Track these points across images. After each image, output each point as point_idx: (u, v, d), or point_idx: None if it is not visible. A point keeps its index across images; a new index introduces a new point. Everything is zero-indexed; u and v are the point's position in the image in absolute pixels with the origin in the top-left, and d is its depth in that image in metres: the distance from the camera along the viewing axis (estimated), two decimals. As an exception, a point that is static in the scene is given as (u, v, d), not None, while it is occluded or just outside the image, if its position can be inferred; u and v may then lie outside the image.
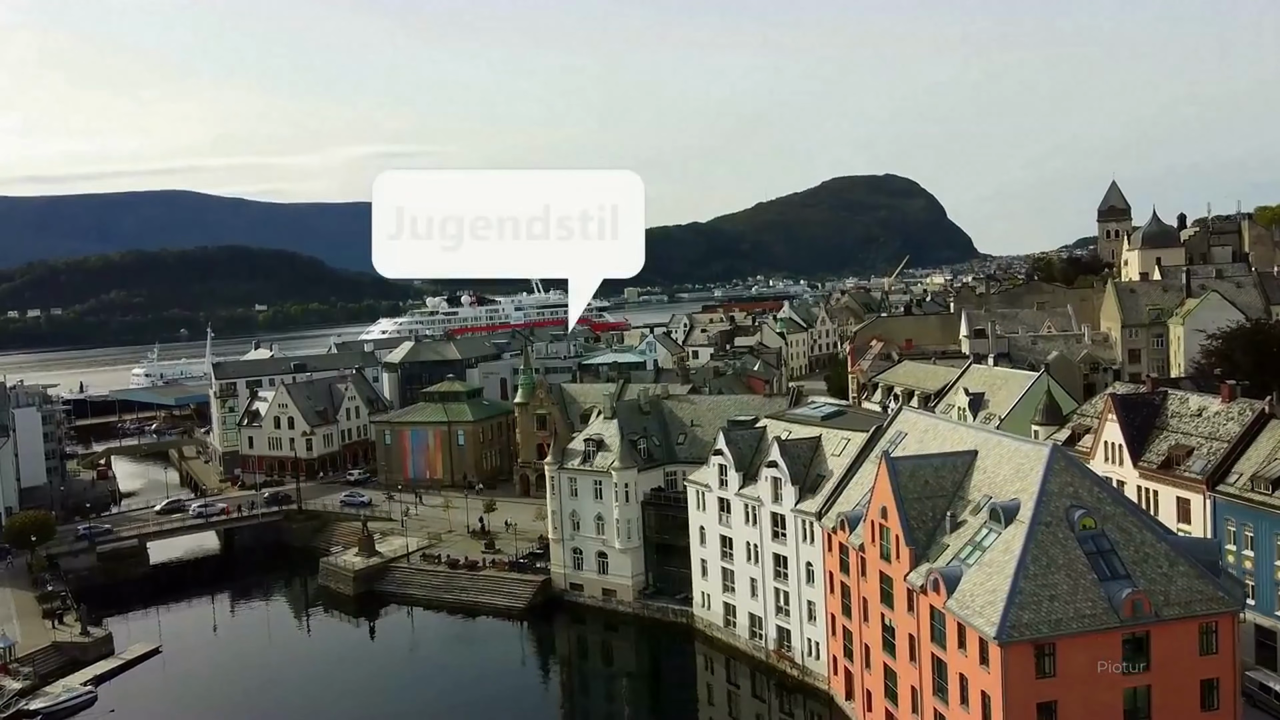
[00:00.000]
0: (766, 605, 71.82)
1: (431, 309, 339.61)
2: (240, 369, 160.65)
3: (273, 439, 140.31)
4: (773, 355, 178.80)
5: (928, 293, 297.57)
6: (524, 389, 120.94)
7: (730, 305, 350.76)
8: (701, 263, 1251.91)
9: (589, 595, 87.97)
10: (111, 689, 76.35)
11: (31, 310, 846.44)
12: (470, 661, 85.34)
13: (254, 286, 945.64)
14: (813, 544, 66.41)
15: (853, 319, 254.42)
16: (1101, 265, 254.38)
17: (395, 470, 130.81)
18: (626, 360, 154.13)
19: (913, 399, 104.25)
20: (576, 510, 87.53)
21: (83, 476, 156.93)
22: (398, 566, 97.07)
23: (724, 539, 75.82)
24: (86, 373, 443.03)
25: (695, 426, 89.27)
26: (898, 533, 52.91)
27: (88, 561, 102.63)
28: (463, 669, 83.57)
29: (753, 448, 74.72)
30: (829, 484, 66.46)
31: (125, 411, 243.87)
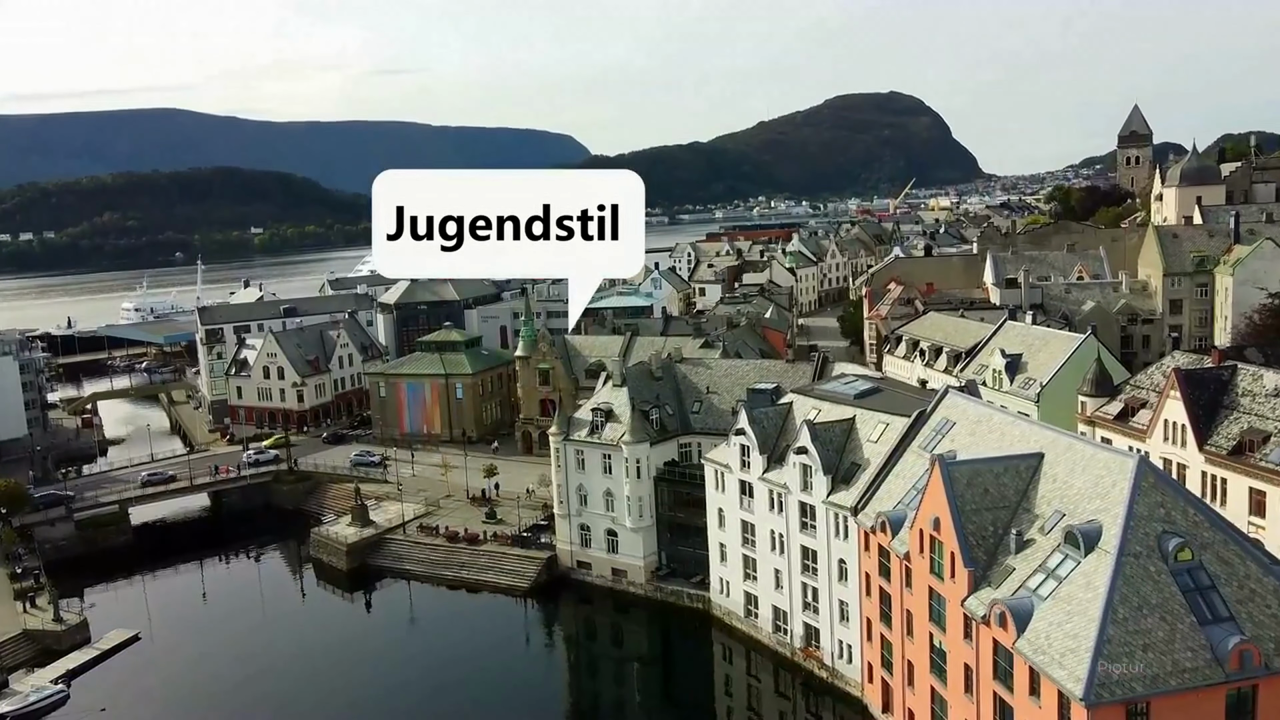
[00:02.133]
0: (793, 600, 66.01)
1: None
2: (227, 313, 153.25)
3: (262, 389, 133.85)
4: (784, 295, 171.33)
5: (940, 223, 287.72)
6: (525, 341, 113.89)
7: (734, 234, 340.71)
8: (702, 184, 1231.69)
9: (597, 574, 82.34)
10: (87, 683, 71.07)
11: (24, 233, 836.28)
12: (472, 640, 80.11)
13: (248, 209, 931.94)
14: (846, 540, 60.21)
15: (863, 250, 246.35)
16: (1124, 195, 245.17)
17: (391, 424, 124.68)
18: (632, 304, 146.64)
19: (940, 356, 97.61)
20: (583, 484, 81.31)
21: (66, 424, 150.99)
22: (393, 538, 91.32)
23: (745, 524, 69.69)
24: (79, 301, 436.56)
25: (711, 394, 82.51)
26: (953, 549, 46.51)
27: (65, 531, 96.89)
28: (464, 648, 78.48)
29: (777, 426, 68.06)
30: (865, 475, 59.94)
31: (115, 348, 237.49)
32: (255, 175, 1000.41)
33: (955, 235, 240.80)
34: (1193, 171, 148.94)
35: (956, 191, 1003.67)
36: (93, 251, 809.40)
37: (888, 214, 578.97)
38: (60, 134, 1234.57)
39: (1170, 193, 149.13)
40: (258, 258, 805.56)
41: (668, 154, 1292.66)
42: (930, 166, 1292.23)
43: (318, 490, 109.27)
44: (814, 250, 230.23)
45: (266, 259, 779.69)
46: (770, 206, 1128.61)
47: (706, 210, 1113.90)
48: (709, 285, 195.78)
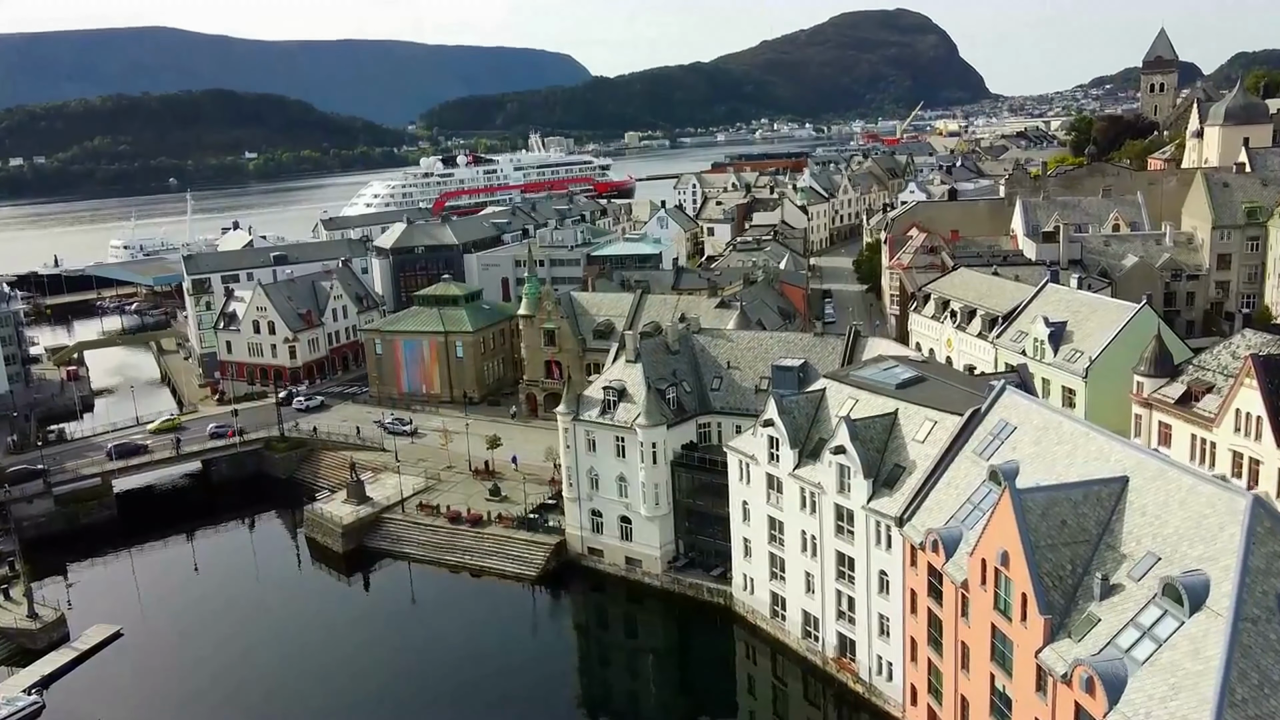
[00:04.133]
0: (825, 606, 60.69)
1: (425, 170, 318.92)
2: (213, 261, 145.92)
3: (252, 345, 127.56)
4: (798, 238, 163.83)
5: (955, 154, 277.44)
6: (529, 298, 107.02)
7: (741, 164, 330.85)
8: (704, 105, 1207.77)
9: (609, 562, 77.10)
10: (65, 688, 66.33)
11: (14, 158, 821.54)
12: (476, 627, 75.17)
13: (242, 133, 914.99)
14: (889, 551, 54.54)
15: (876, 185, 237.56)
16: (1149, 126, 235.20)
17: (388, 383, 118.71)
18: (639, 251, 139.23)
19: (973, 319, 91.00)
20: (595, 468, 75.51)
21: (50, 377, 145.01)
22: (391, 518, 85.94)
23: (773, 521, 64.04)
24: (70, 231, 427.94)
25: (732, 369, 76.14)
26: (1026, 591, 40.74)
27: (44, 507, 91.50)
28: (468, 636, 73.75)
29: (809, 416, 61.91)
30: (910, 480, 53.98)
31: (103, 287, 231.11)
32: (248, 98, 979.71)
33: (971, 168, 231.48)
34: (1238, 109, 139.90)
35: (963, 113, 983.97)
36: (84, 177, 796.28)
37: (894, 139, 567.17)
38: (48, 54, 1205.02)
39: (1213, 132, 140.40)
40: (252, 184, 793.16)
41: (669, 75, 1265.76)
42: (937, 87, 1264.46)
43: (311, 458, 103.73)
44: (825, 186, 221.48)
45: (261, 185, 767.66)
46: (773, 129, 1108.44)
47: (708, 133, 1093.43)
48: (718, 224, 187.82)
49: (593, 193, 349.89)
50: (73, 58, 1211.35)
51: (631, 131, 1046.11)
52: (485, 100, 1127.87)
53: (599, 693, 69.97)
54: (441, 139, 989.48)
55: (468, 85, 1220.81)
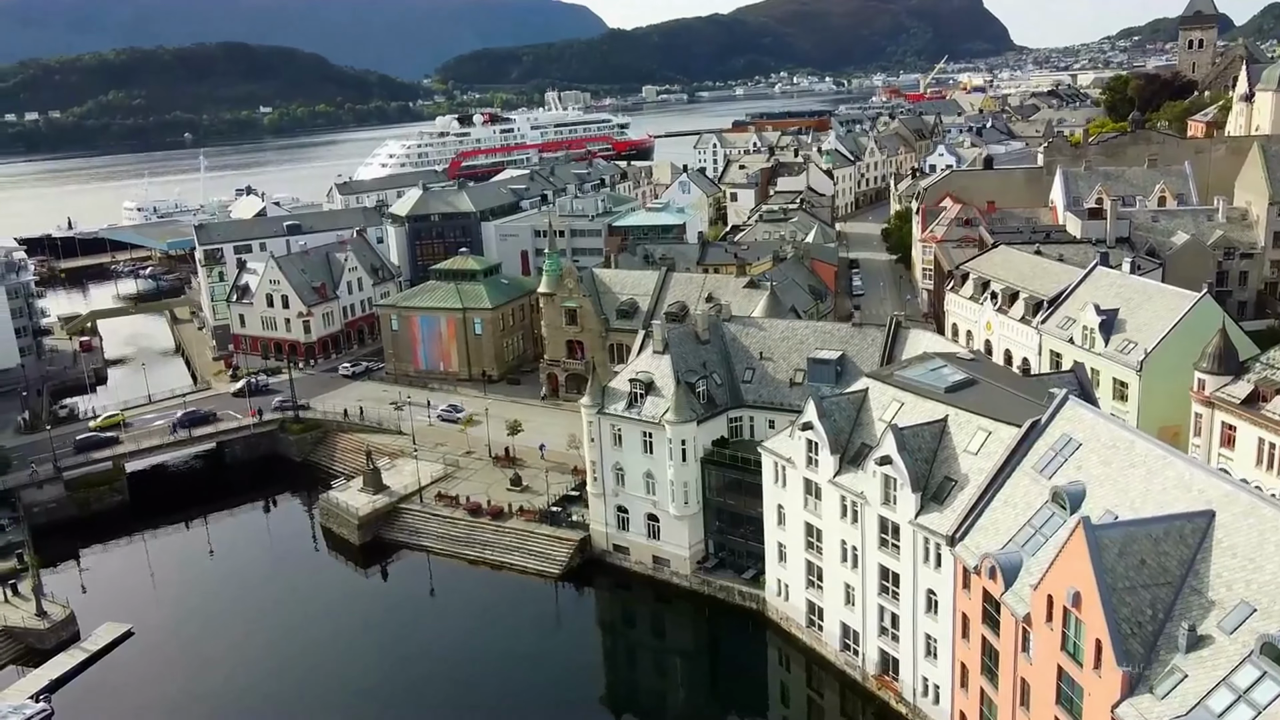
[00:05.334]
0: (866, 621, 57.55)
1: (442, 129, 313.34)
2: (225, 231, 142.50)
3: (266, 319, 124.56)
4: (825, 206, 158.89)
5: (985, 114, 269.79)
6: (549, 275, 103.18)
7: (762, 123, 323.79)
8: (722, 58, 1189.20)
9: (636, 560, 74.14)
10: (74, 692, 64.17)
11: (29, 113, 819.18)
12: (498, 623, 72.72)
13: (255, 86, 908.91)
14: (938, 570, 51.16)
15: (903, 147, 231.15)
16: (1188, 85, 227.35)
17: (404, 359, 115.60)
18: (661, 222, 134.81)
19: (1015, 302, 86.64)
20: (620, 463, 72.25)
21: (63, 348, 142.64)
22: (408, 508, 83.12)
23: (810, 528, 60.74)
24: (85, 190, 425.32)
25: (765, 360, 72.38)
26: (1100, 637, 37.31)
27: (54, 493, 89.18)
28: (490, 631, 71.46)
29: (850, 419, 58.28)
30: (963, 496, 50.39)
31: (117, 250, 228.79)
32: (261, 51, 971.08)
33: (1003, 129, 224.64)
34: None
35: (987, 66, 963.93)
36: (99, 131, 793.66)
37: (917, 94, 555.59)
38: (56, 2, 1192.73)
39: (1265, 97, 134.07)
40: (267, 139, 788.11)
41: (687, 27, 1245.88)
42: (959, 39, 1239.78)
43: (327, 440, 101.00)
44: (851, 148, 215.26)
45: (276, 141, 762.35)
46: (793, 83, 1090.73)
47: (726, 87, 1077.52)
48: (741, 190, 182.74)
49: (611, 152, 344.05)
50: (81, 6, 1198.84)
51: (649, 85, 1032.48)
52: (501, 53, 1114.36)
53: (624, 692, 67.61)
54: (457, 93, 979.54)
55: (483, 38, 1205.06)
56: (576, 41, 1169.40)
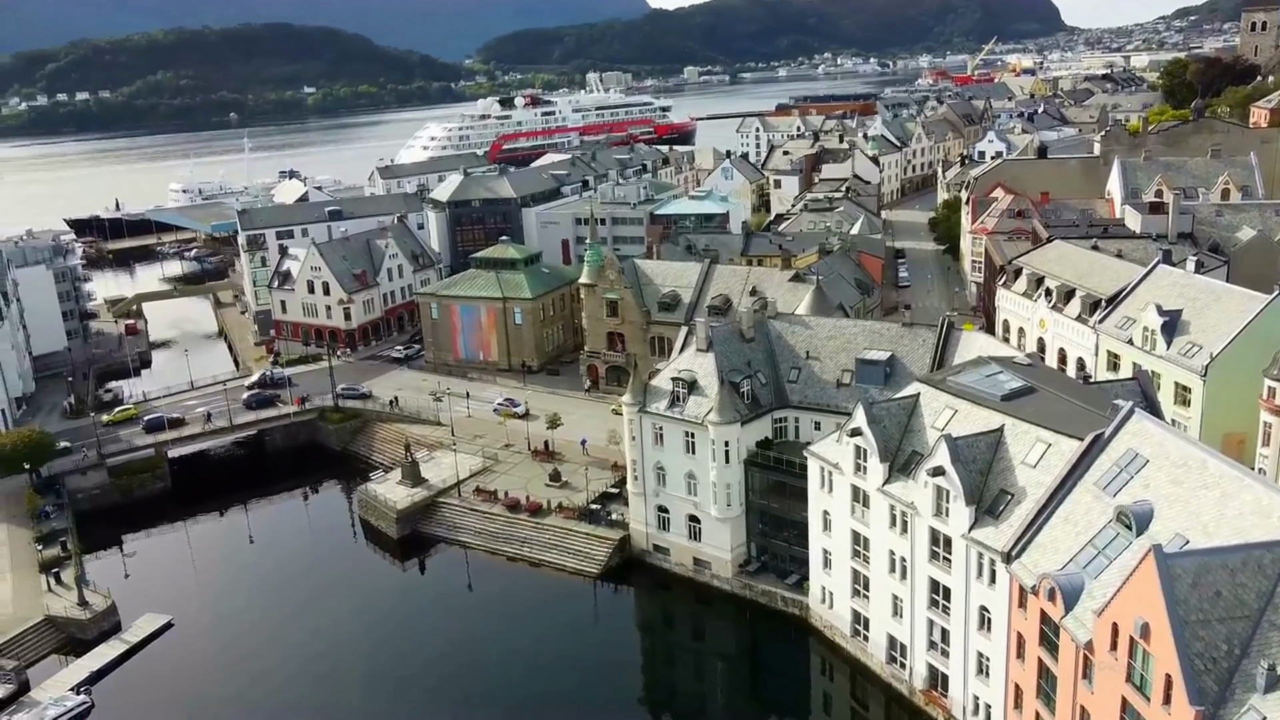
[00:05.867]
0: (914, 634, 55.79)
1: (483, 112, 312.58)
2: (268, 217, 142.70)
3: (307, 305, 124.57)
4: (871, 195, 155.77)
5: (1036, 99, 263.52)
6: (590, 266, 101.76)
7: (806, 106, 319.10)
8: (765, 39, 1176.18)
9: (676, 561, 72.84)
10: (115, 683, 64.28)
11: (80, 92, 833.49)
12: (535, 619, 71.68)
13: (299, 67, 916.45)
14: (992, 587, 49.24)
15: (951, 133, 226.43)
16: (1250, 69, 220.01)
17: (444, 348, 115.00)
18: (705, 210, 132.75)
19: (1071, 300, 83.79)
20: (662, 463, 70.86)
21: (108, 331, 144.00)
22: (447, 502, 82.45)
23: (857, 536, 58.98)
24: (133, 169, 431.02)
25: (812, 360, 70.47)
26: (1171, 672, 35.33)
27: (97, 479, 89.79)
28: (528, 627, 70.61)
29: (901, 425, 56.34)
30: (1019, 511, 48.35)
31: (163, 232, 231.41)
32: (306, 32, 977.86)
33: (1055, 115, 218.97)
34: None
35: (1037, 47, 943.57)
36: (148, 111, 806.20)
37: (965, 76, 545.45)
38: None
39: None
40: (311, 119, 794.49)
41: (730, 7, 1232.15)
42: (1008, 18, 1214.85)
43: (366, 429, 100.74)
44: (898, 134, 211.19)
45: (319, 121, 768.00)
46: (836, 64, 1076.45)
47: (769, 68, 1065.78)
48: (785, 176, 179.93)
49: (652, 135, 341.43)
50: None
51: (691, 66, 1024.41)
52: (542, 34, 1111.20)
53: (663, 693, 66.57)
54: (498, 74, 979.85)
55: (525, 18, 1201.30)
56: (618, 21, 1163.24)
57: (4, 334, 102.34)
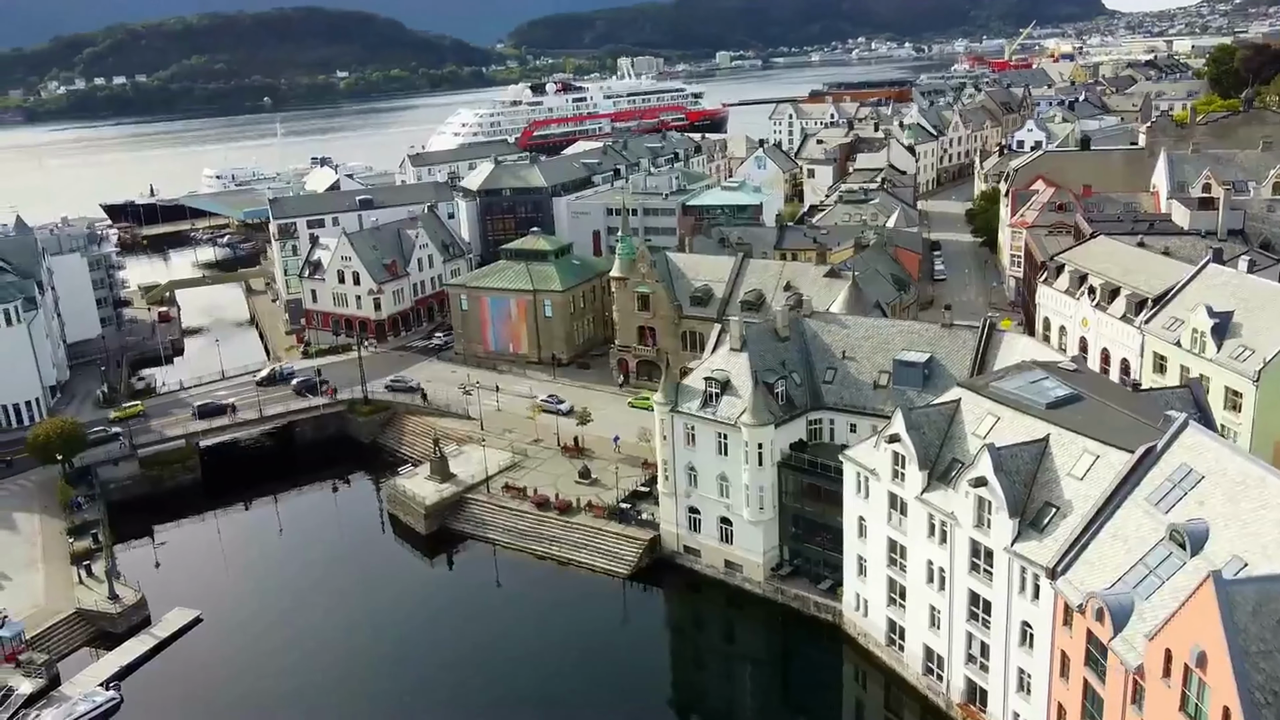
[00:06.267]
0: (952, 647, 54.34)
1: (514, 98, 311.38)
2: (299, 205, 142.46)
3: (337, 295, 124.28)
4: (908, 186, 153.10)
5: (1077, 86, 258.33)
6: (622, 259, 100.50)
7: (840, 93, 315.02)
8: (797, 23, 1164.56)
9: (707, 563, 71.73)
10: (143, 679, 64.25)
11: (117, 77, 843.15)
12: (564, 617, 71.16)
13: (332, 51, 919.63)
14: (1035, 602, 47.67)
15: (989, 121, 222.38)
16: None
17: (473, 340, 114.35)
18: (737, 201, 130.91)
19: (1115, 299, 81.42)
20: (693, 463, 69.67)
21: (141, 319, 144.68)
22: (475, 499, 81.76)
23: (893, 544, 57.54)
24: (170, 153, 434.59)
25: (848, 360, 68.89)
26: (1230, 705, 33.71)
27: (129, 470, 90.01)
28: (555, 625, 70.20)
29: (941, 432, 54.73)
30: (1065, 524, 46.69)
31: (196, 218, 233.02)
32: (339, 15, 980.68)
33: (1096, 103, 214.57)
34: None
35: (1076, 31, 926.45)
36: (183, 95, 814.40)
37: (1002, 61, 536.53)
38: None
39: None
40: (343, 103, 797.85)
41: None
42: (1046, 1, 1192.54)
43: (394, 421, 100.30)
44: (934, 122, 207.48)
45: (352, 105, 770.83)
46: (870, 49, 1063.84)
47: (802, 53, 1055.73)
48: (819, 166, 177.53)
49: (684, 122, 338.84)
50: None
51: (723, 51, 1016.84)
52: (574, 18, 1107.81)
53: (692, 695, 65.86)
54: (530, 58, 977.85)
55: (556, 1, 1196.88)
56: (650, 5, 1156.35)
57: (38, 323, 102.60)
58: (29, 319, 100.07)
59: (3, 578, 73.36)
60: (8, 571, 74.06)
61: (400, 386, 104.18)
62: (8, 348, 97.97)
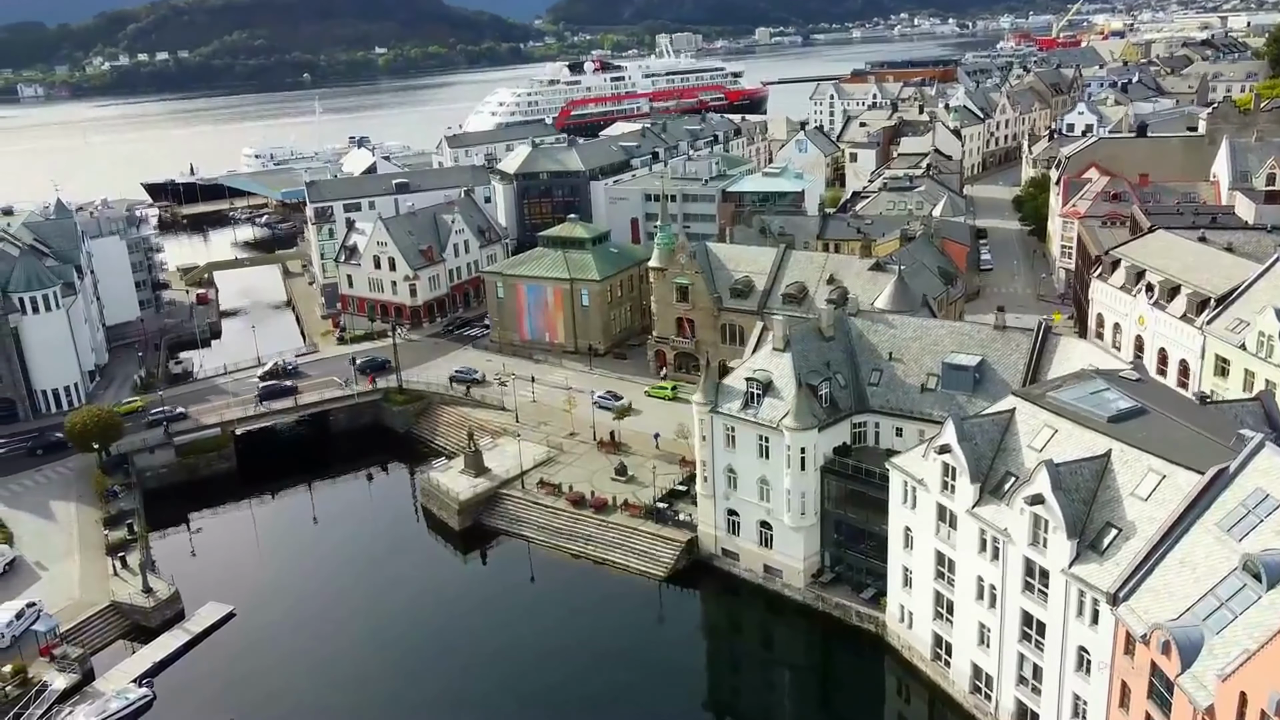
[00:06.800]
0: (1002, 666, 52.25)
1: (552, 77, 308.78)
2: (335, 189, 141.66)
3: (373, 280, 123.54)
4: (954, 172, 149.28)
5: (1130, 67, 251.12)
6: (661, 248, 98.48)
7: (882, 73, 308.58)
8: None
9: (745, 567, 70.03)
10: (176, 674, 63.88)
11: (160, 53, 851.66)
12: (598, 616, 70.54)
13: (371, 27, 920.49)
14: (1093, 627, 45.44)
15: (1038, 103, 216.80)
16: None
17: (509, 328, 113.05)
18: (779, 188, 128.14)
19: (1176, 297, 78.22)
20: (733, 465, 67.83)
21: (179, 301, 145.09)
22: (510, 494, 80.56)
23: (941, 557, 55.42)
24: (212, 129, 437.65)
25: (895, 361, 66.55)
26: (1311, 759, 31.48)
27: (165, 458, 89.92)
28: (589, 624, 69.38)
29: (994, 444, 52.39)
30: (1128, 547, 44.33)
31: (235, 197, 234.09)
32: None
33: (1150, 85, 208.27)
34: None
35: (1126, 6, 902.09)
36: (224, 71, 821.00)
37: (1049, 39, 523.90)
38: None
39: None
40: (382, 80, 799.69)
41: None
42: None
43: (429, 411, 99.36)
44: (981, 104, 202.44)
45: (390, 81, 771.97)
46: (913, 24, 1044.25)
47: (843, 29, 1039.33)
48: (862, 150, 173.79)
49: (723, 102, 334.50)
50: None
51: (762, 28, 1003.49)
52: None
53: (728, 700, 64.64)
54: (568, 34, 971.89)
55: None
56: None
57: (77, 308, 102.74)
58: (68, 304, 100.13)
59: (39, 567, 73.47)
60: (45, 561, 74.15)
61: (465, 378, 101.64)
62: (47, 334, 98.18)
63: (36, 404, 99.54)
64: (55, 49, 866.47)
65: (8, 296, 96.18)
